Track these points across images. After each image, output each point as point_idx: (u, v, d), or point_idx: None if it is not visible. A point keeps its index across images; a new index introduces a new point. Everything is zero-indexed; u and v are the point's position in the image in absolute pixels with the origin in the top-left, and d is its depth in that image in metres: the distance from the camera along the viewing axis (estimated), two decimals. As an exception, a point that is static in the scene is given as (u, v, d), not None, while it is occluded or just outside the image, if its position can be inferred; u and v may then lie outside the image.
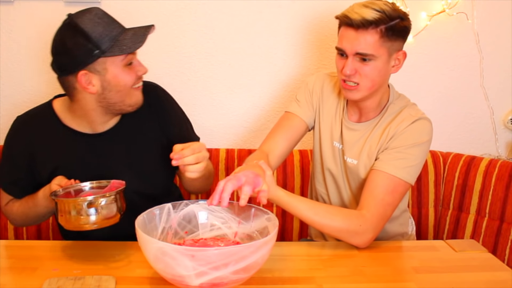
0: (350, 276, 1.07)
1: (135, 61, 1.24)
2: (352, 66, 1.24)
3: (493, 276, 1.09)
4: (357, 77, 1.25)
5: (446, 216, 1.73)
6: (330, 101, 1.43)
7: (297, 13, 1.84)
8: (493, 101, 1.94)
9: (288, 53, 1.88)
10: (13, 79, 1.85)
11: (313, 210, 1.19)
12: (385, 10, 1.21)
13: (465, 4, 1.84)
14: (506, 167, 1.61)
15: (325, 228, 1.20)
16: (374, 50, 1.22)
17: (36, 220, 1.34)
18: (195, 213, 1.14)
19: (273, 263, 1.08)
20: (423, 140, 1.27)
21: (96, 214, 1.06)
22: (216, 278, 0.91)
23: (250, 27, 1.85)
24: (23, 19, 1.80)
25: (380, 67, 1.25)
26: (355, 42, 1.22)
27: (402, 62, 1.30)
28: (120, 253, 1.14)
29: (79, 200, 1.06)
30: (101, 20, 1.20)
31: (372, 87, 1.27)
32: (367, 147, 1.33)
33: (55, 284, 0.97)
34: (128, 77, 1.21)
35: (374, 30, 1.21)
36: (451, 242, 1.26)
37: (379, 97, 1.33)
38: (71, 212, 1.05)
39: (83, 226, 1.06)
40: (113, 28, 1.21)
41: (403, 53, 1.30)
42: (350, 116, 1.39)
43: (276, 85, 1.91)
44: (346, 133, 1.38)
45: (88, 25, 1.17)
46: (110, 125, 1.31)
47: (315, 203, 1.27)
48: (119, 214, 1.10)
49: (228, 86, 1.89)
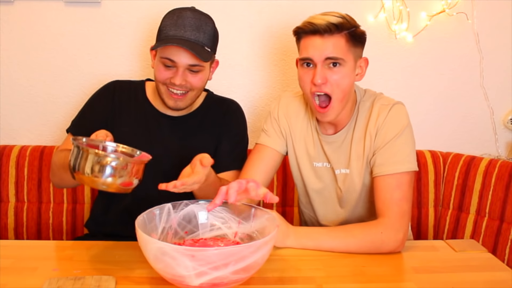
0: (350, 276, 1.07)
1: (180, 70, 1.34)
2: (322, 74, 1.22)
3: (493, 276, 1.09)
4: (328, 86, 1.23)
5: (446, 216, 1.73)
6: (299, 123, 1.40)
7: (297, 13, 1.84)
8: (493, 101, 1.94)
9: (288, 53, 1.88)
10: (13, 79, 1.85)
11: (331, 234, 1.18)
12: (345, 17, 1.24)
13: (465, 4, 1.84)
14: (506, 167, 1.61)
15: (351, 247, 1.17)
16: (343, 54, 1.22)
17: (60, 176, 1.36)
18: (195, 213, 1.14)
19: (273, 263, 1.08)
20: (404, 125, 1.26)
21: (107, 173, 1.01)
22: (216, 278, 0.91)
23: (250, 27, 1.86)
24: (23, 19, 1.81)
25: (348, 73, 1.24)
26: (323, 47, 1.21)
27: (365, 69, 1.31)
28: (120, 253, 1.14)
29: (91, 151, 1.01)
30: (179, 18, 1.34)
31: (343, 98, 1.26)
32: (354, 153, 1.32)
33: (55, 284, 0.97)
34: (160, 73, 1.36)
35: (339, 35, 1.21)
36: (451, 242, 1.26)
37: (348, 107, 1.32)
38: (83, 161, 1.01)
39: (93, 180, 1.01)
40: (176, 30, 1.33)
41: (365, 59, 1.30)
42: (324, 131, 1.37)
43: (276, 85, 1.91)
44: (327, 148, 1.36)
45: (169, 15, 1.36)
46: (182, 113, 1.47)
47: (331, 228, 1.24)
48: (131, 183, 1.05)
49: (228, 86, 1.90)
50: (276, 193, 1.76)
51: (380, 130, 1.27)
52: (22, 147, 1.74)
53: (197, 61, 1.33)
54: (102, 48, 1.84)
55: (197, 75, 1.37)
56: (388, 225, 1.18)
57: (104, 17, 1.82)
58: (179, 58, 1.32)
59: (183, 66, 1.33)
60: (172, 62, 1.33)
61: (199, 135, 1.47)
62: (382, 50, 1.88)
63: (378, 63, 1.89)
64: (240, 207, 1.13)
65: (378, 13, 1.84)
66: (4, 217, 1.71)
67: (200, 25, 1.35)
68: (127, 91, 1.49)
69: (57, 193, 1.73)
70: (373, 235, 1.17)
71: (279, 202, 1.74)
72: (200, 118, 1.49)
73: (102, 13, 1.82)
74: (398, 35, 1.86)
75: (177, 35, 1.32)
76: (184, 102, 1.40)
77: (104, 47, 1.85)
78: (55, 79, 1.86)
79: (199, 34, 1.34)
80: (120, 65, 1.86)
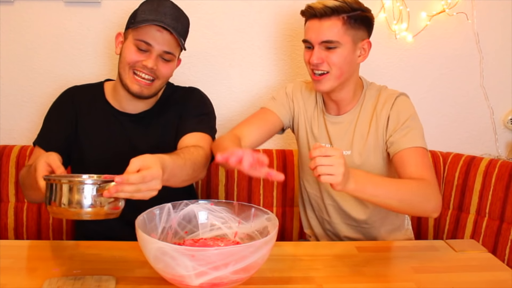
0: (350, 276, 1.07)
1: (154, 54, 1.31)
2: (319, 55, 1.30)
3: (493, 276, 1.09)
4: (325, 65, 1.30)
5: (446, 216, 1.73)
6: (309, 104, 1.47)
7: (297, 13, 1.83)
8: (493, 101, 1.94)
9: (289, 53, 1.88)
10: (13, 79, 1.85)
11: (385, 180, 1.20)
12: (346, 1, 1.28)
13: (465, 4, 1.84)
14: (506, 167, 1.61)
15: (405, 196, 1.16)
16: (338, 37, 1.28)
17: (29, 192, 1.27)
18: (195, 213, 1.14)
19: (273, 263, 1.08)
20: (412, 112, 1.33)
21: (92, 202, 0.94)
22: (216, 278, 0.91)
23: (250, 27, 1.86)
24: (23, 19, 1.80)
25: (346, 55, 1.30)
26: (319, 30, 1.28)
27: (368, 51, 1.35)
28: (120, 253, 1.14)
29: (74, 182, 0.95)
30: (160, 6, 1.31)
31: (341, 75, 1.31)
32: (357, 134, 1.37)
33: (55, 284, 0.97)
34: (130, 54, 1.32)
35: (336, 18, 1.27)
36: (451, 242, 1.26)
37: (352, 88, 1.38)
38: (63, 195, 0.95)
39: (78, 212, 0.95)
40: (156, 15, 1.30)
41: (368, 42, 1.35)
42: (329, 111, 1.43)
43: (276, 85, 1.91)
44: (331, 128, 1.41)
45: (149, 2, 1.33)
46: (142, 108, 1.43)
47: (384, 177, 1.25)
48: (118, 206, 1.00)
49: (228, 86, 1.90)
50: (276, 193, 1.76)
51: (392, 116, 1.33)
52: (22, 147, 1.74)
53: (171, 48, 1.33)
54: (102, 48, 1.84)
55: (168, 64, 1.35)
56: (432, 183, 1.22)
57: (104, 17, 1.82)
58: (156, 42, 1.30)
59: (157, 51, 1.31)
60: (148, 45, 1.30)
61: (161, 126, 1.43)
62: (382, 50, 1.88)
63: (378, 63, 1.89)
64: (240, 207, 1.13)
65: (378, 13, 1.84)
66: (4, 217, 1.71)
67: (179, 16, 1.34)
68: (85, 95, 1.46)
69: (57, 193, 1.73)
70: (424, 188, 1.19)
71: (279, 202, 1.75)
72: (159, 108, 1.45)
73: (102, 13, 1.81)
74: (398, 35, 1.86)
75: (157, 19, 1.29)
76: (148, 90, 1.35)
77: (104, 47, 1.84)
78: (55, 79, 1.86)
79: (178, 24, 1.33)
80: (120, 65, 1.86)
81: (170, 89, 1.48)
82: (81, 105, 1.44)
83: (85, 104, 1.44)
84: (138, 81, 1.33)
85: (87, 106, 1.44)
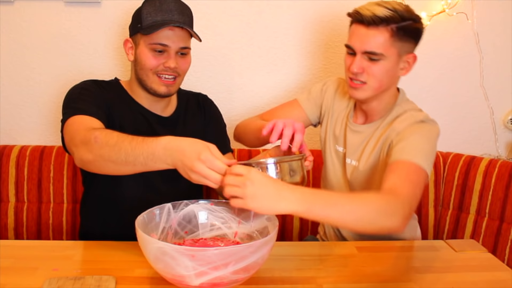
0: (350, 276, 1.07)
1: (172, 53, 1.31)
2: (360, 64, 1.23)
3: (493, 276, 1.09)
4: (364, 76, 1.24)
5: (446, 216, 1.73)
6: (341, 104, 1.43)
7: (297, 13, 1.84)
8: (493, 101, 1.94)
9: (288, 53, 1.88)
10: (13, 79, 1.85)
11: (344, 200, 1.01)
12: (398, 9, 1.20)
13: (465, 4, 1.84)
14: (506, 167, 1.61)
15: (362, 213, 0.99)
16: (383, 49, 1.20)
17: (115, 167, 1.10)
18: (195, 213, 1.14)
19: (273, 263, 1.08)
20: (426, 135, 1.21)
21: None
22: (216, 278, 0.91)
23: (250, 27, 1.86)
24: (23, 19, 1.80)
25: (388, 68, 1.23)
26: (364, 39, 1.21)
27: (412, 65, 1.28)
28: (120, 253, 1.14)
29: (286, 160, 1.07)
30: (162, 4, 1.30)
31: (379, 87, 1.25)
32: (368, 148, 1.33)
33: (55, 284, 0.97)
34: (150, 60, 1.31)
35: (384, 29, 1.19)
36: (451, 242, 1.26)
37: (385, 100, 1.31)
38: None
39: None
40: (162, 14, 1.29)
41: (413, 56, 1.28)
42: (355, 119, 1.38)
43: (276, 85, 1.91)
44: (350, 135, 1.37)
45: (149, 2, 1.31)
46: (164, 109, 1.44)
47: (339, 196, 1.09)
48: None
49: (228, 86, 1.90)
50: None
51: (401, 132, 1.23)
52: (22, 147, 1.74)
53: (186, 43, 1.34)
54: (102, 48, 1.84)
55: (186, 58, 1.36)
56: (400, 199, 1.04)
57: (104, 17, 1.82)
58: (171, 41, 1.30)
59: (174, 49, 1.31)
60: (164, 46, 1.30)
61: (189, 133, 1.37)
62: (382, 50, 1.88)
63: (378, 63, 1.89)
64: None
65: (378, 13, 1.84)
66: (4, 217, 1.71)
67: (183, 9, 1.33)
68: (110, 89, 1.40)
69: (57, 193, 1.73)
70: (386, 203, 1.02)
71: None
72: (183, 114, 1.48)
73: (102, 13, 1.81)
74: (398, 35, 1.86)
75: (166, 19, 1.29)
76: (174, 88, 1.37)
77: (104, 47, 1.84)
78: (55, 79, 1.86)
79: (185, 18, 1.32)
80: (120, 65, 1.86)
81: (182, 95, 1.52)
82: (110, 96, 1.36)
83: (114, 96, 1.38)
84: (164, 82, 1.34)
85: (117, 99, 1.38)
